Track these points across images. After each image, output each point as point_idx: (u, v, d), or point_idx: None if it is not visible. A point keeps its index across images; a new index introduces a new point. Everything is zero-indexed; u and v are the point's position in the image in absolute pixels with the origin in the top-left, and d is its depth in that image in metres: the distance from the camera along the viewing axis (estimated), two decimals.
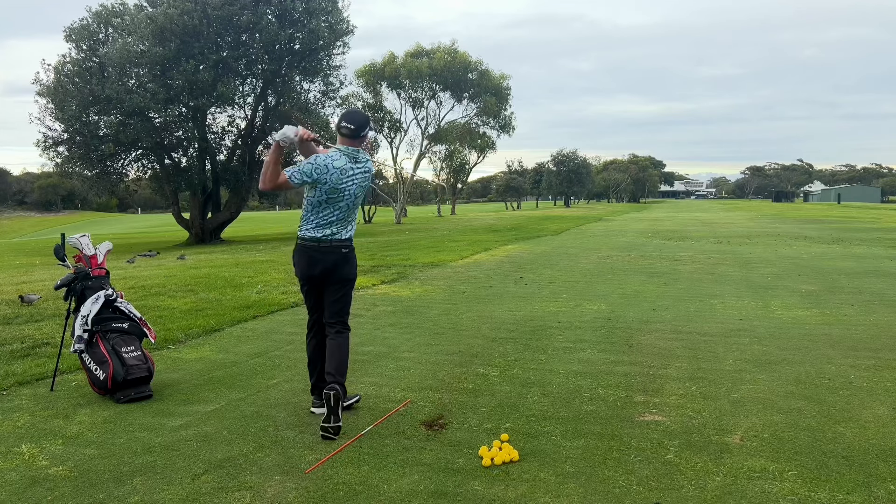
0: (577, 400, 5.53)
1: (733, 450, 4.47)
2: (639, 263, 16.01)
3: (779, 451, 4.44)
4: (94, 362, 5.75)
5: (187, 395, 5.82)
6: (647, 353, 7.01)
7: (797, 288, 11.59)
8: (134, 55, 26.31)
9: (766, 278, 12.98)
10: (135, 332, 6.05)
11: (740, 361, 6.63)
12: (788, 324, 8.47)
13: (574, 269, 15.05)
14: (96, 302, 5.98)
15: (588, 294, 11.19)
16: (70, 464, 4.41)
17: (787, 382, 5.91)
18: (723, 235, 25.94)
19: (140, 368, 5.74)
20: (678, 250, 19.45)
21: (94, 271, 6.26)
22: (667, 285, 12.20)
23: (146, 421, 5.21)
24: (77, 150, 28.27)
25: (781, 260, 16.36)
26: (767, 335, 7.80)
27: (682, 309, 9.65)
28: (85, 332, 5.87)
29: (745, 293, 11.08)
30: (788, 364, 6.51)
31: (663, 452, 4.45)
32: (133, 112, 26.33)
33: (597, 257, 17.60)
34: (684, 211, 66.54)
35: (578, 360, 6.75)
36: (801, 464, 4.24)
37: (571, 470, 4.20)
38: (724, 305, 9.91)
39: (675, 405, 5.37)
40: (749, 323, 8.55)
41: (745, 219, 42.73)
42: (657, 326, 8.40)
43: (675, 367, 6.47)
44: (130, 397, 5.65)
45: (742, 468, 4.19)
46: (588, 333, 8.03)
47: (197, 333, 8.24)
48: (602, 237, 26.27)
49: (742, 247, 20.37)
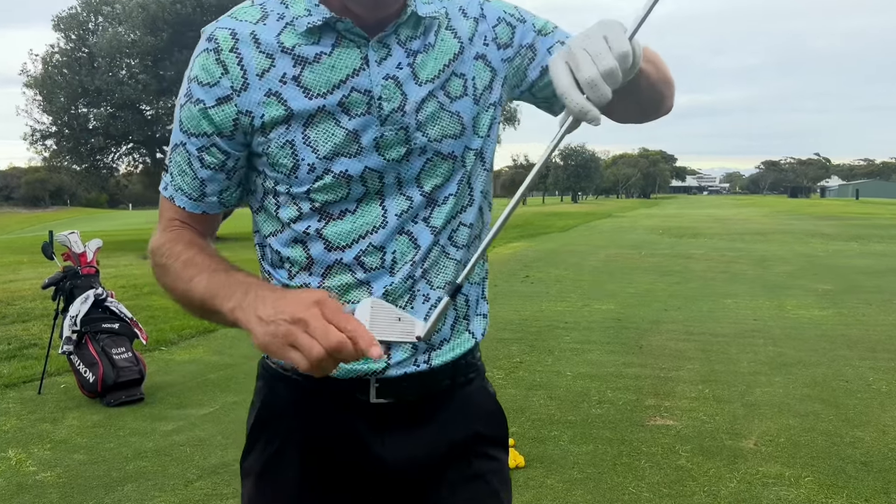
0: (585, 403, 5.53)
1: (747, 455, 4.47)
2: (649, 262, 16.01)
3: (794, 456, 4.44)
4: (83, 364, 5.75)
5: (180, 398, 5.83)
6: (657, 355, 7.00)
7: (814, 287, 11.57)
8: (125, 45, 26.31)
9: (781, 277, 12.96)
10: (125, 333, 6.05)
11: (754, 363, 6.62)
12: (805, 324, 8.46)
13: (582, 267, 15.04)
14: (85, 301, 5.98)
15: (596, 293, 11.19)
16: (58, 470, 4.41)
17: (803, 385, 5.90)
18: (736, 232, 25.90)
19: (131, 371, 5.75)
20: (690, 248, 19.42)
21: (83, 270, 6.27)
22: (678, 284, 12.19)
23: (137, 425, 5.21)
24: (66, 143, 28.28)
25: (797, 258, 16.34)
26: (783, 336, 7.79)
27: (694, 309, 9.64)
28: (74, 332, 5.87)
29: (759, 292, 11.07)
30: (805, 366, 6.50)
31: (675, 458, 4.45)
32: (124, 104, 26.34)
33: (605, 255, 17.59)
34: (696, 207, 66.46)
35: (586, 362, 6.75)
36: (818, 469, 4.24)
37: (579, 476, 4.20)
38: (737, 305, 9.89)
39: (687, 409, 5.36)
40: (764, 323, 8.54)
41: (760, 215, 42.68)
42: (668, 327, 8.39)
43: (686, 369, 6.46)
44: (121, 401, 5.65)
45: (756, 474, 4.18)
46: (596, 334, 8.02)
47: (190, 334, 8.25)
48: (611, 234, 26.25)
49: (756, 244, 20.34)
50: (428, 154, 1.39)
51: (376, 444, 1.47)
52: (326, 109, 1.33)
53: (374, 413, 1.46)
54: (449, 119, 1.40)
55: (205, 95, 1.34)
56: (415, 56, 1.37)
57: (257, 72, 1.33)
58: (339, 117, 1.33)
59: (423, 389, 1.48)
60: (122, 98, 25.98)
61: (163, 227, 1.47)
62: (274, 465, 1.50)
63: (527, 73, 1.49)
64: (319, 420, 1.48)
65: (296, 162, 1.34)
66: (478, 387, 1.61)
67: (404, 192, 1.39)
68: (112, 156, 30.62)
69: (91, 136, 27.46)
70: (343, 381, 1.43)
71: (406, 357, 1.44)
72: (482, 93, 1.44)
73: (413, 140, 1.37)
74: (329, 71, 1.33)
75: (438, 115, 1.39)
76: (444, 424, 1.52)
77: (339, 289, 1.40)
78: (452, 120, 1.40)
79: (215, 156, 1.38)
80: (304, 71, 1.33)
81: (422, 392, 1.48)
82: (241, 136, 1.36)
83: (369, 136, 1.35)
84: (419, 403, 1.49)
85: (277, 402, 1.52)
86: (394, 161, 1.37)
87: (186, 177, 1.41)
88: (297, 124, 1.33)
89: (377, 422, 1.46)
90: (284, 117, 1.33)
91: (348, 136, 1.34)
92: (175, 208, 1.45)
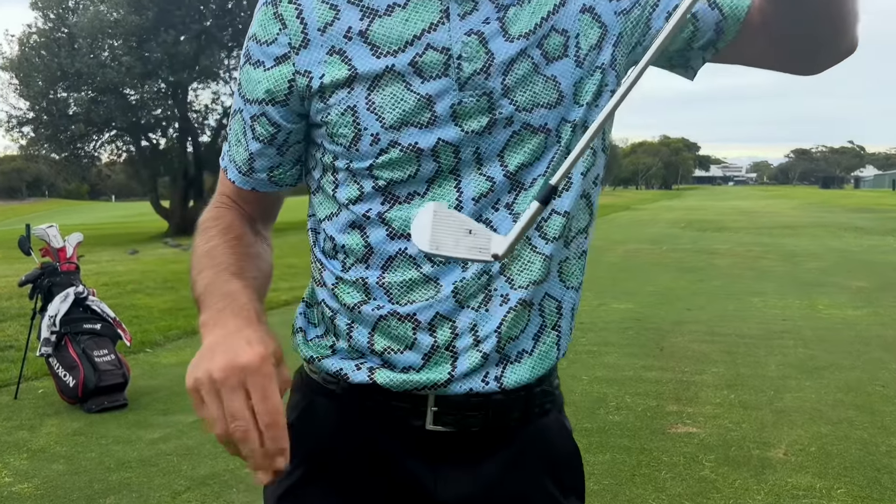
0: (601, 410, 5.53)
1: (776, 465, 4.46)
2: (670, 257, 16.00)
3: (826, 466, 4.43)
4: (62, 367, 5.76)
5: (167, 404, 5.84)
6: (679, 358, 6.99)
7: (847, 284, 11.54)
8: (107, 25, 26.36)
9: (812, 274, 12.94)
10: (108, 334, 6.05)
11: (784, 367, 6.61)
12: (838, 324, 8.44)
13: (598, 263, 15.02)
14: (65, 300, 5.99)
15: (614, 291, 11.17)
16: (36, 480, 4.42)
17: (836, 390, 5.89)
18: (764, 226, 25.86)
19: (114, 374, 5.75)
20: (714, 242, 19.40)
21: (62, 266, 6.27)
22: (702, 282, 12.18)
23: (121, 433, 5.22)
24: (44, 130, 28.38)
25: (830, 253, 16.31)
26: (814, 337, 7.78)
27: (718, 308, 9.62)
28: (52, 333, 5.88)
29: (789, 290, 11.05)
30: (838, 370, 6.49)
31: (698, 468, 4.44)
32: (106, 88, 26.39)
33: (623, 251, 17.57)
34: (721, 198, 66.38)
35: (603, 366, 6.74)
36: (852, 480, 4.22)
37: (596, 487, 4.19)
38: (765, 304, 9.88)
39: (712, 415, 5.35)
40: (793, 324, 8.53)
41: (789, 207, 42.60)
42: (691, 327, 8.38)
43: (711, 372, 6.45)
44: (103, 406, 5.66)
45: (786, 485, 4.17)
46: (614, 335, 8.02)
47: (177, 335, 8.26)
48: (629, 228, 26.23)
49: (786, 239, 20.31)
50: (515, 126, 1.22)
51: (428, 482, 1.31)
52: (396, 70, 1.19)
53: (428, 442, 1.29)
54: (543, 84, 1.23)
55: (262, 55, 1.26)
56: (506, 10, 1.21)
57: (319, 25, 1.22)
58: (410, 80, 1.20)
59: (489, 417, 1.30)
60: (105, 82, 26.03)
61: (213, 202, 1.40)
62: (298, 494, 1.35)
63: (650, 24, 1.28)
64: (361, 446, 1.33)
65: (357, 131, 1.22)
66: (553, 421, 1.40)
67: (484, 171, 1.23)
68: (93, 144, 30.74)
69: (71, 122, 27.53)
70: (395, 396, 1.28)
71: (474, 367, 1.26)
72: (587, 53, 1.25)
73: (497, 108, 1.21)
74: (402, 25, 1.19)
75: (530, 78, 1.22)
76: (511, 466, 1.33)
77: (400, 285, 1.25)
78: (547, 85, 1.23)
79: (265, 127, 1.29)
80: (372, 24, 1.20)
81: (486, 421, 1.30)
82: (297, 101, 1.26)
83: (445, 102, 1.20)
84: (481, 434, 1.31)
85: (316, 419, 1.37)
86: (473, 133, 1.21)
87: (240, 147, 1.34)
88: (361, 87, 1.21)
89: (431, 453, 1.30)
90: (347, 79, 1.21)
91: (420, 102, 1.20)
92: (227, 182, 1.38)
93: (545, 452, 1.36)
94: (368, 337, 1.28)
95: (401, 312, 1.25)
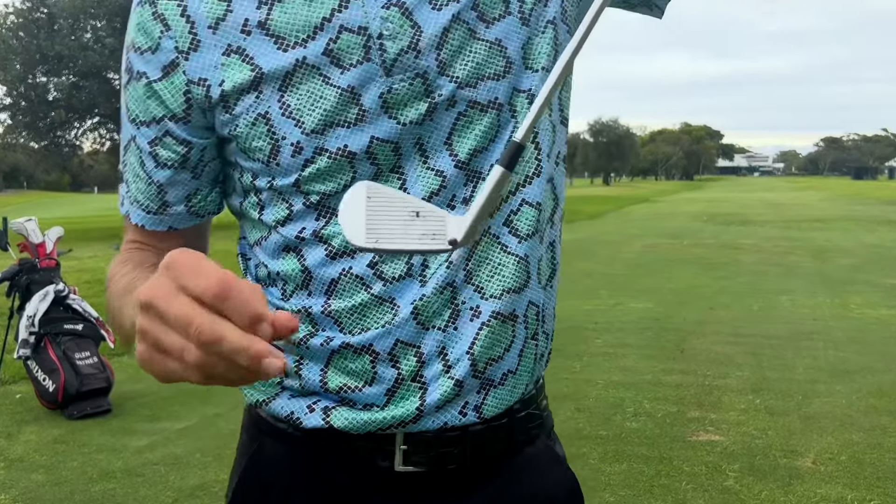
0: (618, 416, 5.53)
1: (804, 475, 4.46)
2: (692, 253, 15.98)
3: (858, 476, 4.43)
4: (41, 371, 5.77)
5: (153, 409, 5.84)
6: (701, 360, 6.99)
7: (881, 282, 11.53)
8: (89, 4, 26.37)
9: (843, 271, 12.93)
10: (90, 335, 6.07)
11: (813, 370, 6.60)
12: (871, 325, 8.44)
13: (615, 259, 15.02)
14: (44, 299, 6.00)
15: (631, 289, 11.18)
16: (14, 491, 4.43)
17: (868, 395, 5.88)
18: (792, 219, 25.83)
19: (97, 378, 5.76)
20: (739, 237, 19.39)
21: (41, 262, 6.28)
22: (725, 279, 12.17)
23: (104, 441, 5.23)
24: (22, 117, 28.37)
25: (862, 249, 16.29)
26: (845, 339, 7.77)
27: (743, 307, 9.63)
28: (31, 334, 5.89)
29: (818, 288, 11.04)
30: (870, 373, 6.48)
31: (721, 478, 4.44)
32: (88, 72, 26.40)
33: (641, 246, 17.57)
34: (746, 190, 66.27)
35: (620, 369, 6.75)
36: (885, 491, 4.22)
37: (612, 499, 4.20)
38: (793, 303, 9.88)
39: (736, 422, 5.35)
40: (823, 324, 8.52)
41: (819, 199, 42.53)
42: (714, 328, 8.38)
43: (735, 376, 6.45)
44: (85, 412, 5.66)
45: (815, 497, 4.17)
46: (632, 336, 8.02)
47: None
48: (648, 221, 26.22)
49: (815, 233, 20.28)
50: (459, 106, 1.09)
51: None
52: (308, 62, 1.05)
53: (399, 484, 1.17)
54: (486, 51, 1.09)
55: (146, 66, 1.10)
56: None
57: (209, 22, 1.07)
58: (326, 71, 1.06)
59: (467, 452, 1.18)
60: (87, 65, 26.03)
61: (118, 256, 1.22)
62: None
63: None
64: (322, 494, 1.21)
65: (274, 142, 1.07)
66: (542, 449, 1.28)
67: (431, 164, 1.10)
68: (75, 131, 30.68)
69: (51, 108, 27.51)
70: (358, 437, 1.15)
71: (447, 397, 1.13)
72: (532, 8, 1.11)
73: (436, 89, 1.07)
74: (307, 8, 1.05)
75: (470, 47, 1.08)
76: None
77: (350, 312, 1.11)
78: (492, 52, 1.09)
79: (172, 148, 1.11)
80: (272, 12, 1.06)
81: (465, 457, 1.17)
82: (200, 116, 1.10)
83: (373, 92, 1.06)
84: (459, 471, 1.18)
85: (265, 466, 1.24)
86: (412, 124, 1.08)
87: (141, 182, 1.16)
88: (271, 89, 1.06)
89: (403, 496, 1.18)
90: (252, 81, 1.06)
91: (343, 97, 1.06)
92: (133, 227, 1.20)
93: (535, 487, 1.24)
94: (321, 374, 1.15)
95: (354, 344, 1.12)
